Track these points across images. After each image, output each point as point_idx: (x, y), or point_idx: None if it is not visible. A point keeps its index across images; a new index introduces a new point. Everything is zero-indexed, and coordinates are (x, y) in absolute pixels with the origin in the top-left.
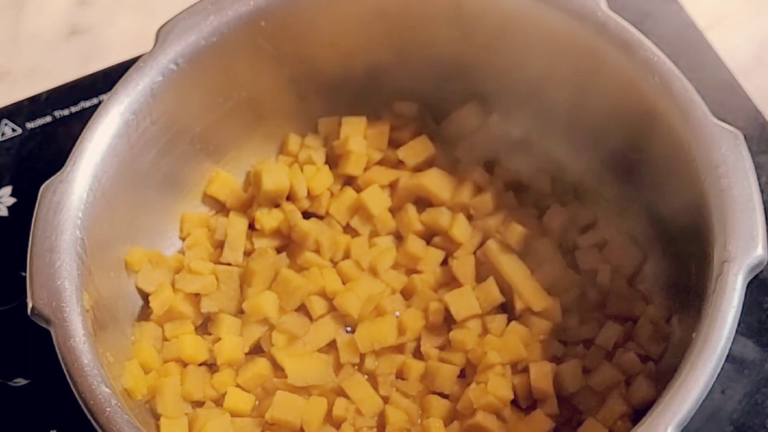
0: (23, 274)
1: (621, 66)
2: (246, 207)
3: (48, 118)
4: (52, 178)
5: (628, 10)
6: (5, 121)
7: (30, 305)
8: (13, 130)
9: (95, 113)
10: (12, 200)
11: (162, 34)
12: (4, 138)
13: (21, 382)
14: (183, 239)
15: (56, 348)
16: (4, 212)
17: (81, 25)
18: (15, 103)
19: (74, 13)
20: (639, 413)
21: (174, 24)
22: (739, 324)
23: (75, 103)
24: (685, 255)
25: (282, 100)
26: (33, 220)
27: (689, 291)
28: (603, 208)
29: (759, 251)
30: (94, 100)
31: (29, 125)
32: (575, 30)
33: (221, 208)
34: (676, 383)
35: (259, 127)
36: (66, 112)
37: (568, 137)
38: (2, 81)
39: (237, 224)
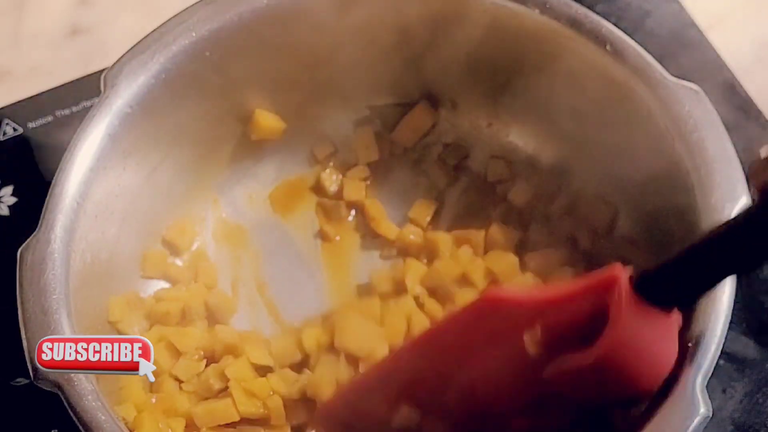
0: None
1: (572, 42)
2: None
3: (49, 118)
4: (28, 240)
5: (628, 9)
6: (6, 120)
7: (32, 371)
8: (14, 129)
9: (59, 169)
10: (13, 200)
11: (110, 78)
12: (5, 137)
13: (22, 381)
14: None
15: (69, 411)
16: (5, 211)
17: (82, 24)
18: (16, 103)
19: (75, 13)
20: None
21: (120, 67)
22: (739, 324)
23: (76, 103)
24: (660, 213)
25: (226, 131)
26: (17, 283)
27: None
28: (565, 176)
29: (743, 199)
30: (95, 100)
31: (30, 125)
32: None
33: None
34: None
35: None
36: (67, 111)
37: (519, 119)
38: (3, 81)
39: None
